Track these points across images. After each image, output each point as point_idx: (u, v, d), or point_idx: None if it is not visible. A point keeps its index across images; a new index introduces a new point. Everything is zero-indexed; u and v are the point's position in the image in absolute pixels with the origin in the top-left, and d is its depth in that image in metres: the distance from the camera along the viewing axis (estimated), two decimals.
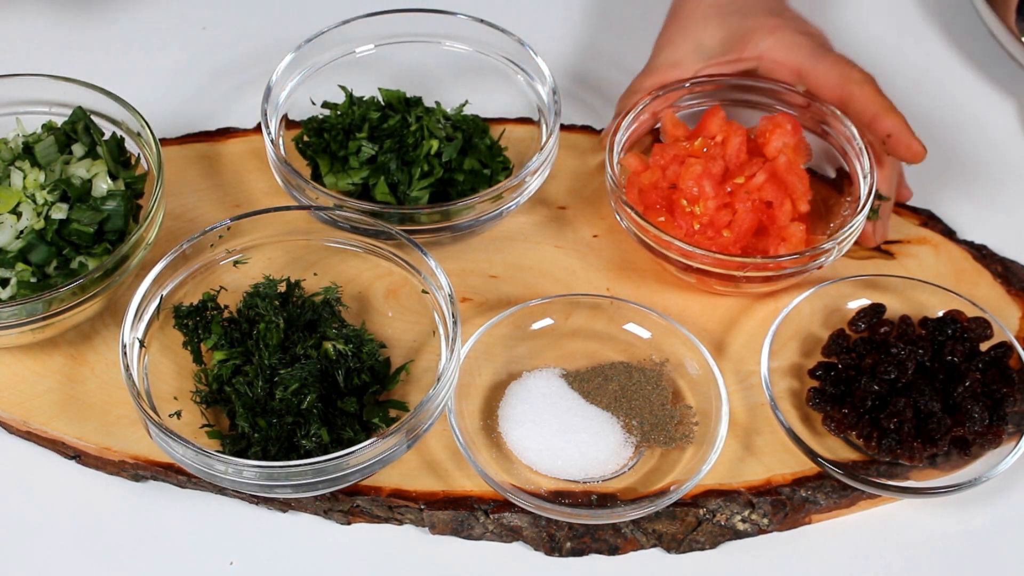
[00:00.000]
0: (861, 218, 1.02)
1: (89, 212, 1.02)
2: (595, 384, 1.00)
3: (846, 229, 1.01)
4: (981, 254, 1.11)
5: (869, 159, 1.05)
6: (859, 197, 1.05)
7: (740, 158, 1.06)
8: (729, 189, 1.05)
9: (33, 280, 0.99)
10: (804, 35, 1.09)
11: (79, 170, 1.04)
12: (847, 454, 0.98)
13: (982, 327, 1.02)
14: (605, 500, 0.95)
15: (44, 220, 1.01)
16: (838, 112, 1.08)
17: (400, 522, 0.97)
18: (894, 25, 1.34)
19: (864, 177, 1.05)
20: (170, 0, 1.36)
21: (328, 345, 0.98)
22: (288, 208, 1.03)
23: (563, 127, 1.18)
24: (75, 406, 1.00)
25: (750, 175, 1.05)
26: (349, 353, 0.97)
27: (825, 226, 1.08)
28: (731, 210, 1.04)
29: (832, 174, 1.10)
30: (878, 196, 1.06)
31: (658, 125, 1.12)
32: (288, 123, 1.14)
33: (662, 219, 1.04)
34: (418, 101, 1.14)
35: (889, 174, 1.08)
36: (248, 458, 0.92)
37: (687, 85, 1.10)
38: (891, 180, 1.09)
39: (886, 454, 0.96)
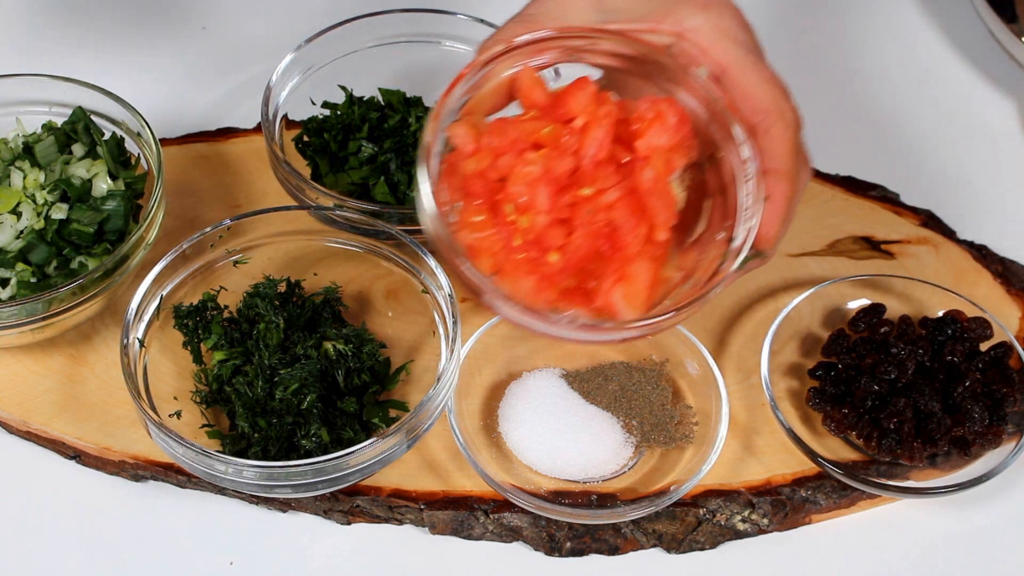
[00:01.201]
0: (717, 288, 0.81)
1: (89, 212, 1.02)
2: (595, 384, 1.00)
3: (700, 297, 0.80)
4: (981, 254, 1.11)
5: (760, 199, 0.82)
6: (730, 235, 0.82)
7: (600, 154, 0.81)
8: (572, 200, 0.81)
9: (33, 280, 0.99)
10: (743, 26, 0.86)
11: (79, 170, 1.04)
12: (847, 454, 0.98)
13: (982, 327, 1.02)
14: (605, 500, 0.95)
15: (44, 220, 1.01)
16: (740, 129, 0.83)
17: (400, 522, 0.97)
18: (894, 25, 1.34)
19: (747, 220, 0.82)
20: (170, 0, 1.36)
21: (328, 345, 0.98)
22: (288, 208, 1.03)
23: None
24: (75, 406, 1.00)
25: (602, 188, 0.80)
26: (349, 353, 0.97)
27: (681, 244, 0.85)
28: (567, 228, 0.80)
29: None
30: (756, 253, 0.83)
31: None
32: (288, 123, 1.14)
33: (480, 219, 0.80)
34: (418, 101, 1.14)
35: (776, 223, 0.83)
36: (248, 458, 0.92)
37: (569, 36, 0.84)
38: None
39: (886, 454, 0.97)
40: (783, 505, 0.96)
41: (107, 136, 1.08)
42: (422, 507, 0.96)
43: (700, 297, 0.80)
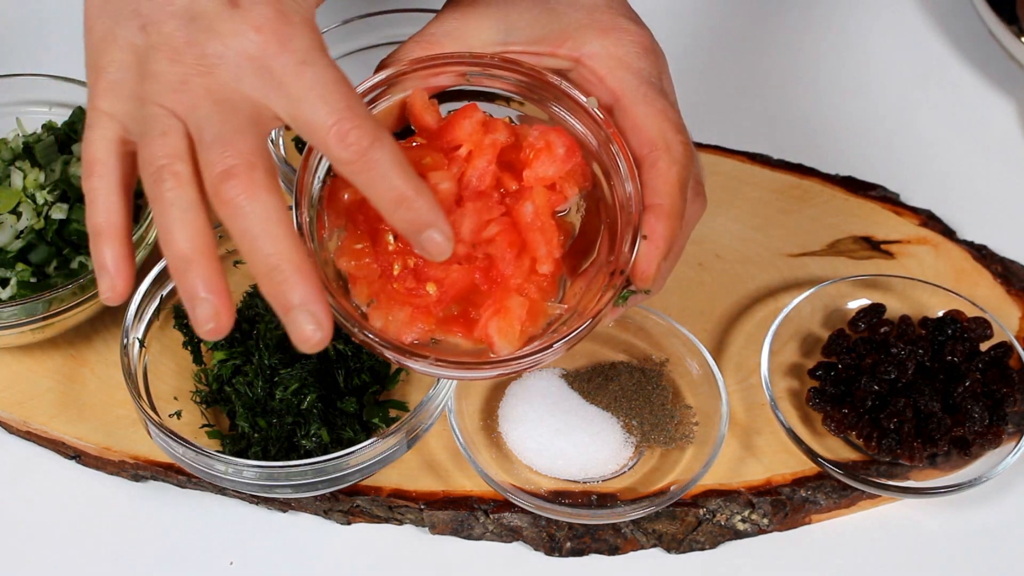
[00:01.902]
0: (594, 324, 0.80)
1: None
2: (595, 384, 1.00)
3: (567, 336, 0.79)
4: (981, 254, 1.11)
5: (635, 239, 0.79)
6: (614, 268, 0.79)
7: (483, 183, 0.79)
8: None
9: (33, 280, 0.99)
10: (643, 53, 0.82)
11: (79, 170, 1.04)
12: (847, 454, 0.98)
13: (982, 327, 1.02)
14: (605, 500, 0.95)
15: (44, 220, 1.01)
16: (624, 163, 0.80)
17: (400, 522, 0.97)
18: (894, 25, 1.34)
19: (624, 256, 0.79)
20: None
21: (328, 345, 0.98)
22: (288, 208, 1.03)
23: None
24: (75, 406, 1.00)
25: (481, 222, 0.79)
26: (349, 353, 0.97)
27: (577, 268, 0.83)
28: (447, 260, 0.78)
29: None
30: (635, 289, 0.81)
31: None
32: None
33: (360, 247, 0.79)
34: None
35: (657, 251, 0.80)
36: (248, 458, 0.92)
37: (463, 62, 0.82)
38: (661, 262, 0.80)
39: (886, 454, 0.97)
40: (783, 505, 0.96)
41: None
42: (422, 507, 0.96)
43: (573, 335, 0.79)
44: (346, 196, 0.80)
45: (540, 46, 0.82)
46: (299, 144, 1.12)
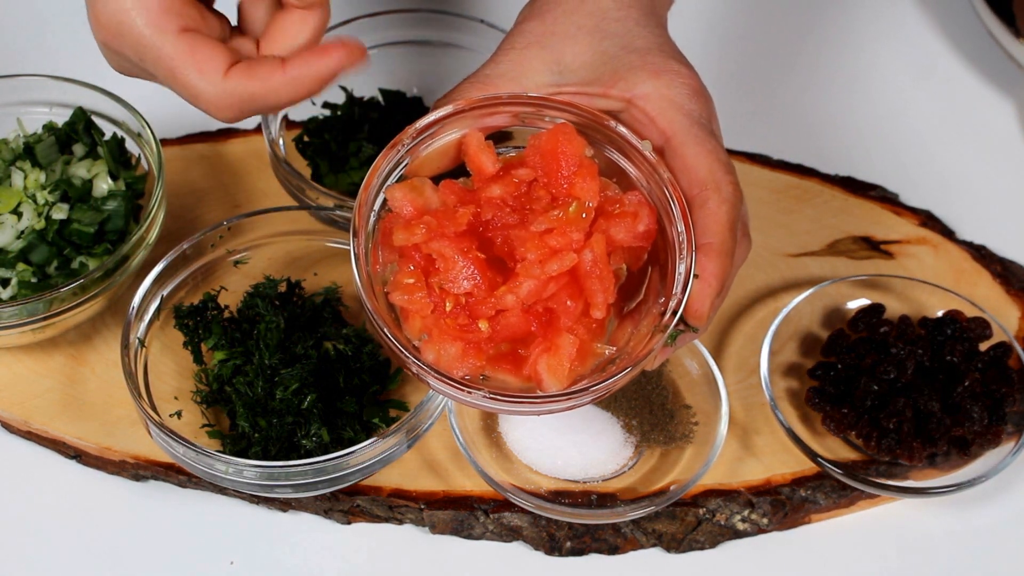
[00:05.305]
0: (642, 364, 0.79)
1: (90, 212, 1.02)
2: None
3: (616, 376, 0.78)
4: (981, 254, 1.12)
5: (688, 278, 0.79)
6: (665, 308, 0.79)
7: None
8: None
9: (34, 280, 0.99)
10: (693, 95, 0.83)
11: (80, 170, 1.04)
12: (847, 454, 0.98)
13: (981, 327, 1.02)
14: (605, 500, 0.95)
15: (45, 220, 1.01)
16: (676, 205, 0.80)
17: (400, 522, 0.97)
18: (893, 26, 1.34)
19: (676, 296, 0.79)
20: None
21: (328, 345, 0.98)
22: (288, 208, 1.03)
23: None
24: (75, 406, 1.01)
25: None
26: (349, 353, 0.98)
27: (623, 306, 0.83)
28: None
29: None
30: (687, 325, 0.81)
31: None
32: (288, 123, 1.14)
33: (412, 281, 0.79)
34: (418, 101, 1.14)
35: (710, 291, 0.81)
36: (248, 458, 0.92)
37: (527, 97, 0.83)
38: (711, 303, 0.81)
39: (886, 454, 0.97)
40: (783, 505, 0.96)
41: (108, 136, 1.08)
42: (422, 507, 0.96)
43: (623, 374, 0.79)
44: (395, 240, 0.79)
45: (593, 87, 0.83)
46: (299, 144, 1.13)
